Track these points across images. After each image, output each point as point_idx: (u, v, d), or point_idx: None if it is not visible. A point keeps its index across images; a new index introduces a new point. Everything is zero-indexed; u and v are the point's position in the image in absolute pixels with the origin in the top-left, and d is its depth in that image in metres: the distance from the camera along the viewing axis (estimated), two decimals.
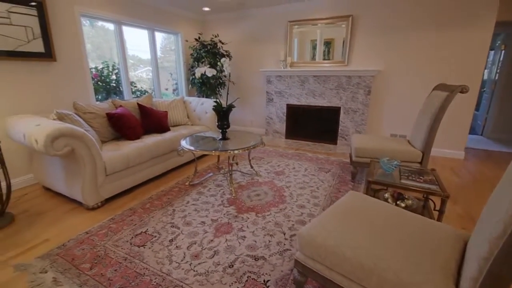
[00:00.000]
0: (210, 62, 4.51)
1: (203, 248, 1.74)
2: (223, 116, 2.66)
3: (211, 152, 2.36)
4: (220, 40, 4.69)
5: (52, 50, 2.81)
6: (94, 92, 3.34)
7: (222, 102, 2.70)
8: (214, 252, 1.70)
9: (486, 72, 5.28)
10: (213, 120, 3.71)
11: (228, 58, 4.69)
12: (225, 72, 4.49)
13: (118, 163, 2.36)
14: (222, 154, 2.39)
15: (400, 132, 3.97)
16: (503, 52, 4.66)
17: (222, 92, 5.13)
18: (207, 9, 4.53)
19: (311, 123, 4.59)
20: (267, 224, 2.02)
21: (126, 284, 1.44)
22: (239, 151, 2.37)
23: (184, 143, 2.55)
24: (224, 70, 2.59)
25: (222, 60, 2.62)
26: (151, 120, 3.14)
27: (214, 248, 1.74)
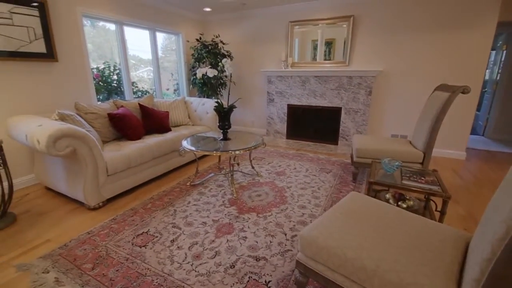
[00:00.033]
0: (211, 62, 4.52)
1: (204, 248, 1.75)
2: (224, 116, 2.66)
3: (212, 153, 2.36)
4: (221, 41, 4.69)
5: (54, 50, 2.82)
6: (95, 93, 3.35)
7: (223, 103, 2.70)
8: (216, 253, 1.70)
9: (488, 72, 5.28)
10: (214, 120, 3.71)
11: (229, 58, 4.69)
12: (226, 73, 4.49)
13: (119, 163, 2.36)
14: (223, 154, 2.39)
15: (401, 133, 3.96)
16: (504, 52, 4.65)
17: (223, 92, 5.14)
18: (208, 9, 4.53)
19: (312, 124, 4.58)
20: (268, 224, 2.02)
21: (128, 285, 1.45)
22: (240, 151, 2.38)
23: (186, 144, 2.55)
24: (225, 70, 2.59)
25: (224, 60, 2.62)
26: (152, 120, 3.15)
27: (215, 248, 1.75)
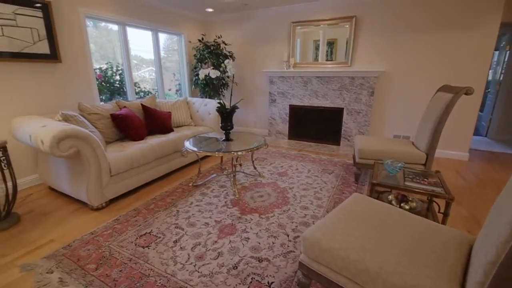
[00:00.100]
0: (213, 63, 4.53)
1: (207, 249, 1.75)
2: (226, 117, 2.67)
3: (214, 153, 2.37)
4: (223, 41, 4.70)
5: (57, 51, 2.83)
6: (98, 93, 3.37)
7: (226, 103, 2.71)
8: (218, 254, 1.71)
9: (491, 72, 5.25)
10: (216, 121, 3.72)
11: (231, 59, 4.70)
12: (228, 73, 4.50)
13: (122, 163, 2.37)
14: (226, 155, 2.40)
15: (404, 133, 3.95)
16: (507, 52, 4.63)
17: (225, 93, 5.15)
18: (211, 10, 4.54)
19: (314, 124, 4.58)
20: (270, 225, 2.02)
21: (131, 285, 1.45)
22: (243, 152, 2.38)
23: (188, 144, 2.56)
24: (227, 71, 2.60)
25: (226, 61, 2.63)
26: (155, 121, 3.16)
27: (218, 249, 1.75)
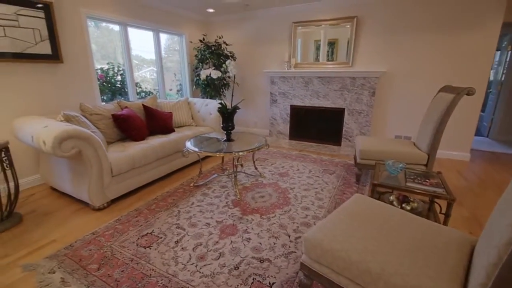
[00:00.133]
0: (214, 63, 4.53)
1: (208, 249, 1.75)
2: (228, 117, 2.67)
3: (216, 154, 2.37)
4: (224, 41, 4.71)
5: (59, 52, 2.84)
6: (99, 93, 3.37)
7: (227, 103, 2.71)
8: (220, 254, 1.71)
9: (492, 72, 5.23)
10: (217, 121, 3.72)
11: (232, 59, 4.70)
12: (229, 74, 4.50)
13: (124, 164, 2.38)
14: (227, 155, 2.40)
15: (405, 134, 3.95)
16: (509, 53, 4.61)
17: (226, 93, 5.15)
18: (212, 10, 4.54)
19: (315, 124, 4.58)
20: (271, 226, 2.03)
21: (133, 285, 1.46)
22: (244, 152, 2.38)
23: (189, 144, 2.56)
24: (228, 71, 2.60)
25: (227, 62, 2.63)
26: (156, 121, 3.16)
27: (219, 249, 1.75)
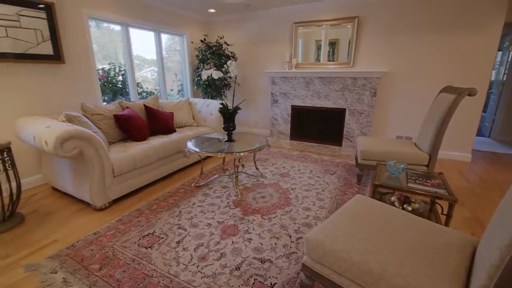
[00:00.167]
0: (215, 63, 4.53)
1: (209, 250, 1.76)
2: (229, 118, 2.67)
3: (217, 155, 2.37)
4: (225, 42, 4.71)
5: (61, 52, 2.85)
6: (101, 94, 3.38)
7: (228, 104, 2.71)
8: (221, 254, 1.71)
9: (494, 73, 5.22)
10: (218, 121, 3.73)
11: (233, 59, 4.70)
12: (230, 74, 4.50)
13: (125, 164, 2.38)
14: (228, 156, 2.40)
15: (406, 134, 3.94)
16: (511, 53, 4.60)
17: (227, 93, 5.15)
18: (213, 10, 4.54)
19: (316, 125, 4.58)
20: (273, 226, 2.03)
21: (134, 286, 1.46)
22: (245, 153, 2.38)
23: (190, 145, 2.56)
24: (229, 71, 2.60)
25: (229, 62, 2.63)
26: (157, 121, 3.17)
27: (220, 250, 1.75)
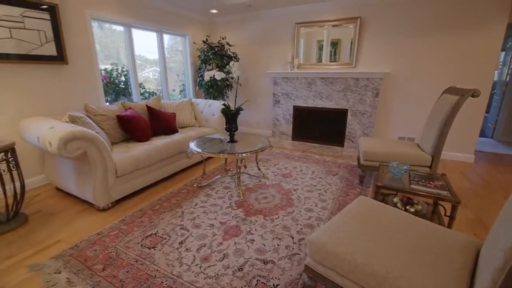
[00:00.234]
0: (217, 64, 4.54)
1: (212, 251, 1.76)
2: (231, 118, 2.67)
3: (219, 156, 2.38)
4: (227, 42, 4.71)
5: (64, 53, 2.86)
6: (104, 94, 3.39)
7: (230, 104, 2.71)
8: (224, 255, 1.71)
9: (497, 73, 5.20)
10: (220, 122, 3.73)
11: (235, 60, 4.71)
12: (232, 75, 4.51)
13: (128, 165, 2.39)
14: (231, 157, 2.40)
15: (409, 135, 3.93)
16: None
17: (229, 94, 5.16)
18: (215, 11, 4.55)
19: (318, 125, 4.57)
20: (275, 227, 2.03)
21: (138, 286, 1.47)
22: (247, 154, 2.39)
23: (193, 146, 2.57)
24: (231, 72, 2.60)
25: (231, 63, 2.64)
26: (160, 122, 3.18)
27: (223, 251, 1.76)
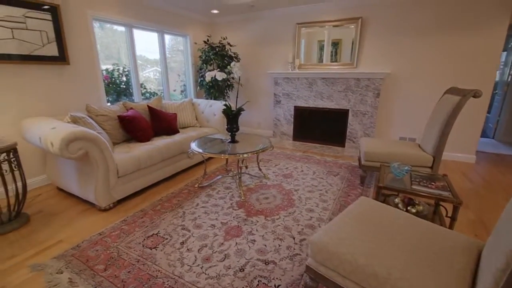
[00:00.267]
0: (218, 64, 4.54)
1: (213, 251, 1.76)
2: (232, 119, 2.68)
3: (220, 156, 2.38)
4: (228, 43, 4.72)
5: (66, 53, 2.87)
6: (105, 94, 3.40)
7: (231, 105, 2.71)
8: (225, 256, 1.72)
9: (498, 73, 5.18)
10: (221, 122, 3.73)
11: (236, 60, 4.71)
12: (234, 75, 4.52)
13: (129, 165, 2.40)
14: (232, 157, 2.41)
15: (410, 136, 3.93)
16: None
17: (230, 94, 5.16)
18: (216, 11, 4.55)
19: (319, 125, 4.57)
20: (276, 228, 2.03)
21: (139, 286, 1.47)
22: (248, 154, 2.39)
23: (194, 146, 2.57)
24: (233, 72, 2.61)
25: (232, 64, 2.64)
26: (161, 122, 3.18)
27: (224, 251, 1.76)
